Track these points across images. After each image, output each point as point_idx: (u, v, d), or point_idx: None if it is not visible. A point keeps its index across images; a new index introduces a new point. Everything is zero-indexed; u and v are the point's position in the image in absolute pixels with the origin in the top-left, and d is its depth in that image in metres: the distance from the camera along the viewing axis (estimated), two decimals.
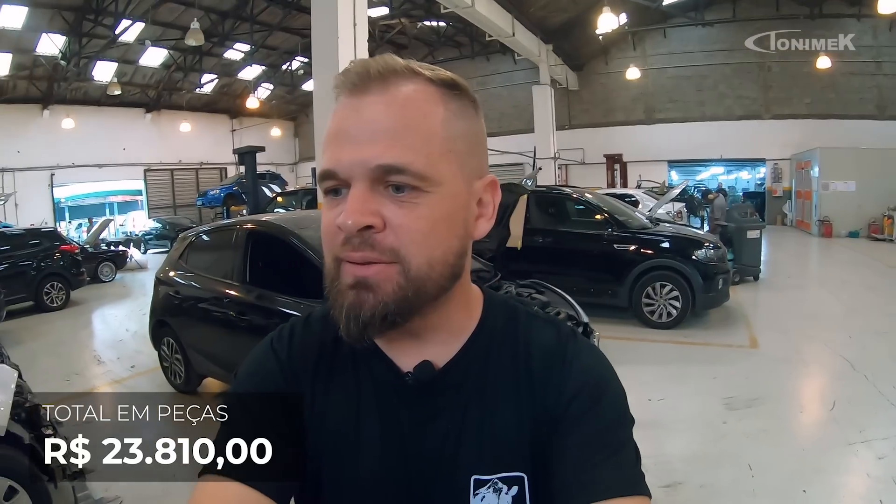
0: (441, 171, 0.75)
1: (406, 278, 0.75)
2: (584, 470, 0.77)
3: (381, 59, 0.77)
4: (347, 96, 0.77)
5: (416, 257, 0.74)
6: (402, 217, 0.74)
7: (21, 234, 13.44)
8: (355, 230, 0.73)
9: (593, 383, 0.84)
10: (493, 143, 15.81)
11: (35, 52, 20.83)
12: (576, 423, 0.81)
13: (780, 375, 6.05)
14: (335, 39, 8.35)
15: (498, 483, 0.82)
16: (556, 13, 20.76)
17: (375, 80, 0.75)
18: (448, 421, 0.83)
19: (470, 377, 0.85)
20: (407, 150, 0.73)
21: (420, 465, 0.83)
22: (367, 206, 0.73)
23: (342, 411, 0.86)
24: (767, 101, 22.32)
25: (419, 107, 0.76)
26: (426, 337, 0.84)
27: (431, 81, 0.78)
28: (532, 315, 0.93)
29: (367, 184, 0.74)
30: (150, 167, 27.44)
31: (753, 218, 10.91)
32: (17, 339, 9.67)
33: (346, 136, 0.75)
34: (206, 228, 7.07)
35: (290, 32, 23.73)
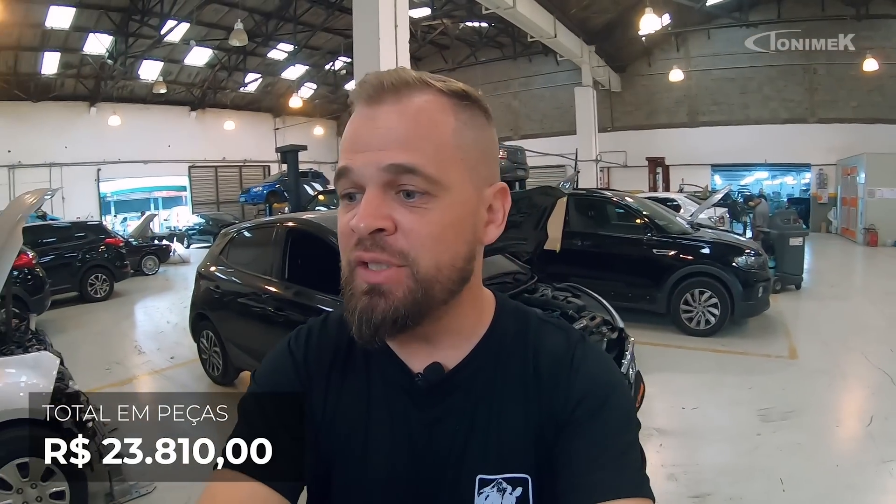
0: (451, 177, 0.79)
1: (415, 281, 0.78)
2: (588, 472, 0.80)
3: (395, 72, 0.81)
4: (363, 106, 0.81)
5: (424, 260, 0.78)
6: (412, 221, 0.77)
7: (67, 226, 13.85)
8: (367, 232, 0.76)
9: (599, 388, 0.86)
10: (535, 144, 15.95)
11: (82, 52, 21.33)
12: (581, 427, 0.83)
13: (818, 388, 5.92)
14: (376, 40, 8.40)
15: (502, 483, 0.85)
16: (598, 14, 20.57)
17: (389, 92, 0.79)
18: (456, 422, 0.86)
19: (479, 380, 0.88)
20: (418, 154, 0.77)
21: (427, 465, 0.86)
22: (379, 209, 0.77)
23: (353, 411, 0.89)
24: (813, 105, 21.74)
25: (430, 116, 0.80)
26: (437, 340, 0.87)
27: (442, 93, 0.82)
28: (543, 321, 0.95)
29: (380, 188, 0.77)
30: (195, 164, 27.83)
31: (796, 225, 10.68)
32: (60, 327, 9.98)
33: (360, 141, 0.79)
34: (247, 225, 7.21)
35: (333, 33, 23.89)
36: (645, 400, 4.88)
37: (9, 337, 5.00)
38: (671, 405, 5.52)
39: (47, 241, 12.60)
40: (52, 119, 22.85)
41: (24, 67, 21.32)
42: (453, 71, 25.82)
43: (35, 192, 5.14)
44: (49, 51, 20.85)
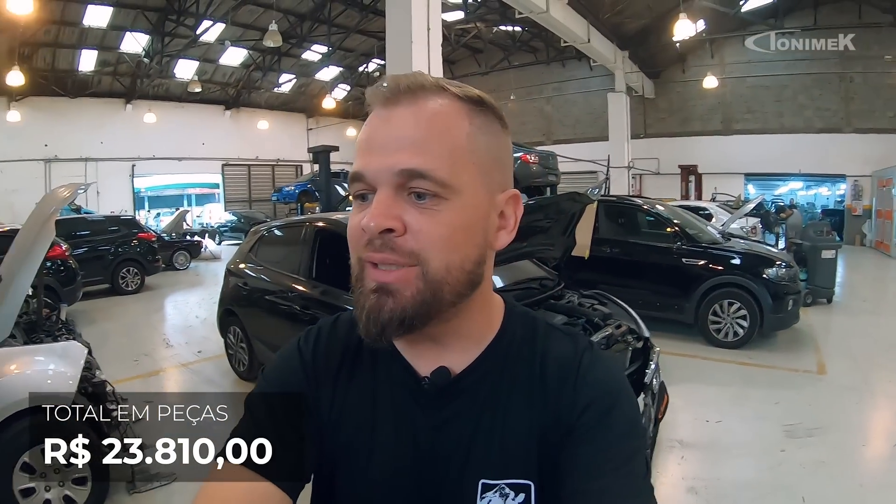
0: (462, 181, 0.80)
1: (424, 281, 0.79)
2: (592, 478, 0.80)
3: (412, 75, 0.82)
4: (379, 107, 0.83)
5: (434, 260, 0.79)
6: (422, 222, 0.78)
7: (101, 220, 14.11)
8: (377, 232, 0.78)
9: (605, 395, 0.86)
10: (567, 150, 15.86)
11: (119, 50, 21.78)
12: (586, 434, 0.84)
13: (846, 405, 5.79)
14: (409, 43, 8.46)
15: (505, 489, 0.86)
16: (631, 19, 20.45)
17: (405, 94, 0.81)
18: (461, 426, 0.87)
19: (485, 384, 0.89)
20: (430, 157, 0.78)
21: (431, 467, 0.87)
22: (389, 210, 0.78)
23: (359, 412, 0.91)
24: (849, 114, 21.33)
25: (445, 120, 0.81)
26: (445, 342, 0.88)
27: (458, 98, 0.83)
28: (551, 327, 0.96)
29: (392, 190, 0.79)
30: (228, 162, 28.17)
31: (829, 237, 10.47)
32: (91, 318, 10.19)
33: (374, 143, 0.81)
34: (277, 224, 7.27)
35: (367, 35, 24.06)
36: (669, 411, 4.83)
37: (39, 325, 5.13)
38: (695, 417, 5.46)
39: (81, 233, 12.88)
40: (89, 115, 23.33)
41: (62, 64, 21.79)
42: (486, 75, 25.87)
43: (69, 186, 5.26)
44: (86, 48, 21.34)
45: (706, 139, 24.03)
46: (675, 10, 17.07)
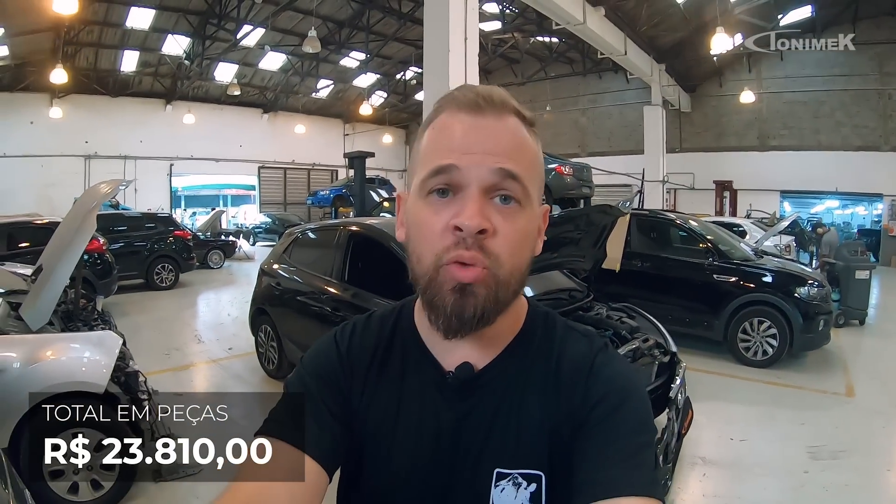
0: (533, 192, 0.88)
1: (496, 282, 0.85)
2: (601, 469, 0.84)
3: (489, 90, 0.89)
4: (465, 114, 0.88)
5: (507, 264, 0.85)
6: (505, 226, 0.85)
7: (138, 217, 14.46)
8: (475, 231, 0.82)
9: (616, 391, 0.91)
10: (601, 162, 15.81)
11: (160, 52, 22.31)
12: (597, 427, 0.88)
13: (873, 428, 5.69)
14: (446, 53, 8.50)
15: (518, 478, 0.91)
16: (668, 32, 20.32)
17: (491, 106, 0.87)
18: (481, 417, 0.93)
19: (504, 379, 0.95)
20: (520, 165, 0.86)
21: (450, 455, 0.93)
22: (483, 211, 0.84)
23: (387, 402, 0.97)
24: (887, 132, 20.89)
25: (524, 135, 0.90)
26: (472, 341, 0.93)
27: (524, 118, 0.91)
28: (570, 327, 1.01)
29: (483, 191, 0.84)
30: (264, 165, 28.60)
31: (863, 257, 10.29)
32: (124, 311, 10.42)
33: (468, 143, 0.86)
34: (312, 227, 7.37)
35: (405, 43, 24.20)
36: (693, 428, 4.81)
37: (76, 315, 5.28)
38: (719, 435, 5.42)
39: (118, 229, 13.20)
40: (129, 114, 23.97)
41: (104, 64, 22.40)
42: (522, 85, 25.88)
43: (110, 182, 5.41)
44: (128, 49, 21.91)
45: (742, 155, 23.75)
46: (712, 24, 16.95)
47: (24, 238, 9.76)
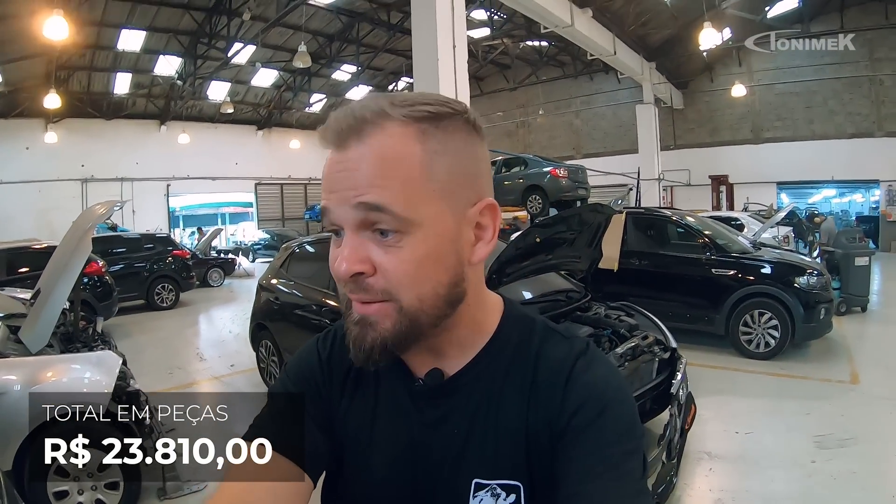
0: (422, 213, 0.80)
1: (400, 314, 0.81)
2: (586, 481, 0.80)
3: (352, 112, 0.81)
4: (331, 151, 0.83)
5: (405, 296, 0.81)
6: (388, 262, 0.80)
7: (137, 238, 14.51)
8: (347, 276, 0.80)
9: (596, 398, 0.85)
10: (597, 163, 15.91)
11: (153, 73, 22.41)
12: (578, 436, 0.83)
13: (879, 415, 5.66)
14: (435, 62, 8.54)
15: (497, 489, 0.87)
16: (656, 30, 20.39)
17: (350, 134, 0.80)
18: (455, 425, 0.90)
19: (478, 386, 0.91)
20: (386, 193, 0.78)
21: (427, 465, 0.90)
22: (357, 253, 0.80)
23: (362, 411, 0.96)
24: (880, 118, 20.98)
25: (395, 153, 0.79)
26: (440, 350, 0.91)
27: (406, 122, 0.81)
28: (550, 330, 0.95)
29: (356, 229, 0.80)
30: (261, 181, 28.59)
31: (862, 244, 10.27)
32: (127, 332, 10.44)
33: (332, 184, 0.82)
34: (308, 240, 7.38)
35: (395, 54, 24.35)
36: (698, 423, 4.81)
37: (76, 336, 5.29)
38: (724, 429, 5.40)
39: (117, 251, 13.25)
40: (124, 136, 24.03)
41: (97, 87, 22.50)
42: (515, 90, 25.98)
43: (105, 204, 5.43)
44: (121, 72, 22.03)
45: (736, 148, 23.86)
46: (699, 20, 17.01)
47: (23, 263, 9.77)
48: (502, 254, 4.39)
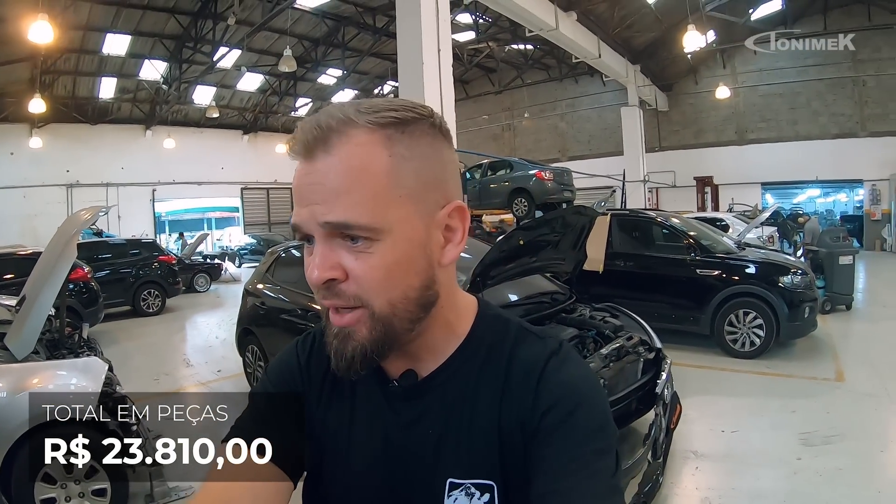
0: (389, 220, 0.80)
1: (374, 320, 0.83)
2: (558, 479, 0.80)
3: (317, 122, 0.81)
4: (299, 161, 0.83)
5: (376, 300, 0.82)
6: (358, 267, 0.81)
7: (122, 244, 14.37)
8: (320, 283, 0.81)
9: (568, 397, 0.86)
10: (582, 166, 15.99)
11: (138, 77, 22.33)
12: (550, 435, 0.84)
13: (864, 412, 5.72)
14: (420, 66, 8.56)
15: (471, 488, 0.88)
16: (641, 33, 20.56)
17: (317, 144, 0.80)
18: (430, 426, 0.91)
19: (452, 386, 0.92)
20: (351, 207, 0.79)
21: (402, 465, 0.91)
22: (328, 260, 0.81)
23: (339, 413, 0.97)
24: (863, 118, 21.26)
25: (360, 161, 0.80)
26: (414, 354, 0.92)
27: (372, 129, 0.81)
28: (525, 331, 0.96)
29: (326, 238, 0.81)
30: (247, 186, 28.51)
31: (846, 243, 10.37)
32: (113, 338, 10.37)
33: (301, 197, 0.83)
34: (293, 244, 7.36)
35: (381, 58, 24.34)
36: (683, 422, 4.83)
37: (62, 343, 5.26)
38: (710, 428, 5.44)
39: (103, 256, 13.17)
40: (109, 141, 23.87)
41: (83, 92, 22.36)
42: (500, 93, 26.04)
43: (90, 209, 5.40)
44: (106, 76, 21.91)
45: (721, 150, 24.04)
46: (684, 23, 17.16)
47: (8, 270, 9.67)
48: (486, 256, 4.40)
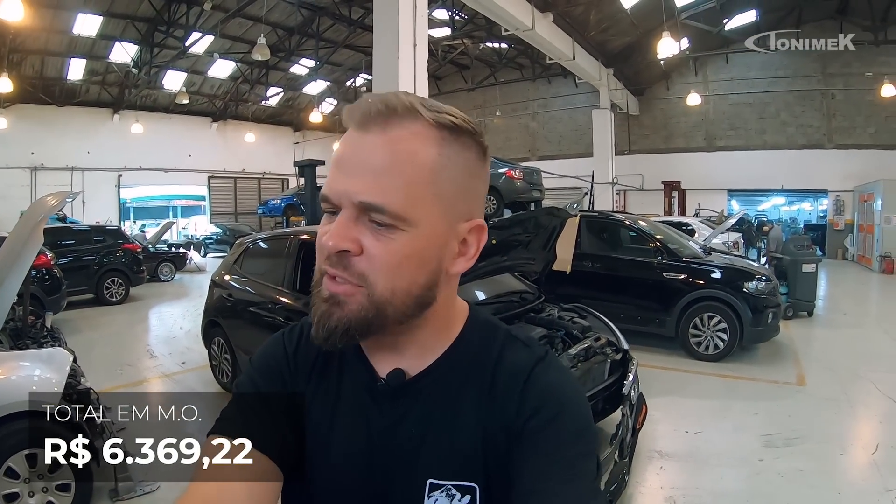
0: (419, 214, 0.83)
1: (369, 301, 0.84)
2: (538, 481, 0.82)
3: (385, 99, 0.83)
4: (352, 129, 0.85)
5: (380, 284, 0.83)
6: (376, 248, 0.82)
7: (86, 230, 14.09)
8: (334, 251, 0.83)
9: (552, 402, 0.88)
10: (552, 166, 16.05)
11: (108, 60, 21.81)
12: (533, 439, 0.85)
13: (824, 415, 5.89)
14: (395, 60, 8.51)
15: (451, 490, 0.89)
16: (616, 37, 20.66)
17: (376, 119, 0.82)
18: (413, 425, 0.91)
19: (438, 388, 0.92)
20: (387, 191, 0.81)
21: (384, 463, 0.91)
22: (348, 232, 0.82)
23: (323, 406, 0.96)
24: (830, 131, 21.70)
25: (410, 149, 0.82)
26: (402, 350, 0.93)
27: (431, 125, 0.83)
28: (512, 337, 0.97)
29: (353, 212, 0.82)
30: (214, 174, 28.15)
31: (810, 251, 10.60)
32: (76, 328, 10.18)
33: (341, 166, 0.84)
34: (262, 236, 7.30)
35: (355, 50, 24.19)
36: (648, 423, 4.90)
37: (24, 332, 5.14)
38: (674, 428, 5.52)
39: (66, 243, 12.88)
40: (76, 124, 23.35)
41: (51, 72, 21.77)
42: (473, 91, 26.06)
43: (56, 195, 5.28)
44: (75, 57, 21.36)
45: (690, 155, 24.32)
46: (659, 29, 17.31)
47: None
48: None
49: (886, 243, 17.69)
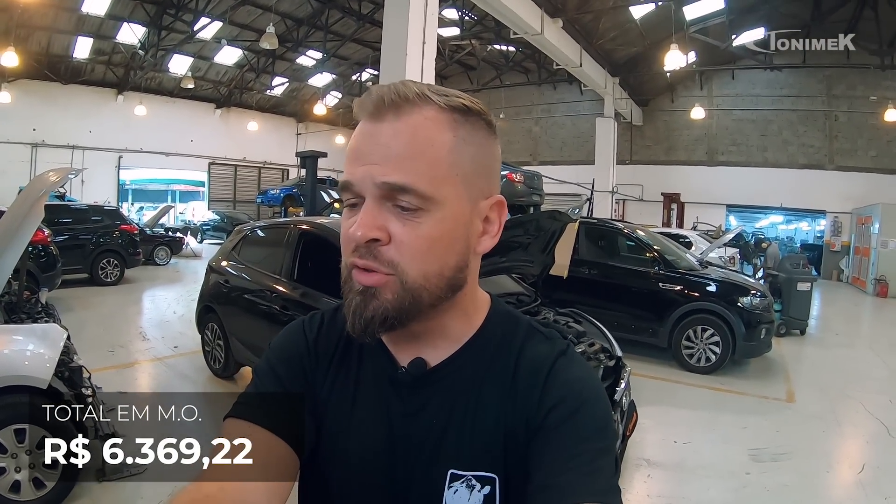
0: (443, 194, 0.84)
1: (403, 288, 0.84)
2: (557, 474, 0.81)
3: (396, 88, 0.85)
4: (365, 121, 0.87)
5: (412, 270, 0.84)
6: (404, 234, 0.83)
7: (84, 209, 14.02)
8: (363, 241, 0.83)
9: (573, 396, 0.87)
10: (553, 171, 15.98)
11: (115, 40, 21.68)
12: (553, 432, 0.85)
13: (812, 432, 5.91)
14: (403, 56, 8.52)
15: (472, 480, 0.89)
16: (624, 46, 20.71)
17: (389, 108, 0.84)
18: (434, 415, 0.92)
19: (459, 379, 0.93)
20: (412, 173, 0.82)
21: (404, 453, 0.92)
22: (375, 220, 0.83)
23: (343, 395, 0.97)
24: (832, 152, 21.76)
25: (427, 133, 0.84)
26: (425, 339, 0.93)
27: (442, 108, 0.85)
28: (533, 329, 0.98)
29: (378, 200, 0.83)
30: (215, 161, 28.05)
31: (805, 270, 10.65)
32: (68, 306, 10.08)
33: (361, 155, 0.85)
34: (261, 224, 7.29)
35: (362, 44, 24.17)
36: (638, 431, 4.90)
37: (19, 307, 5.12)
38: (663, 438, 5.54)
39: (63, 221, 12.82)
40: (79, 102, 23.18)
41: (57, 49, 21.61)
42: (477, 92, 25.99)
43: (59, 171, 5.26)
44: (83, 36, 21.20)
45: (690, 168, 24.34)
46: (667, 41, 17.35)
47: None
48: None
49: (882, 266, 17.71)
